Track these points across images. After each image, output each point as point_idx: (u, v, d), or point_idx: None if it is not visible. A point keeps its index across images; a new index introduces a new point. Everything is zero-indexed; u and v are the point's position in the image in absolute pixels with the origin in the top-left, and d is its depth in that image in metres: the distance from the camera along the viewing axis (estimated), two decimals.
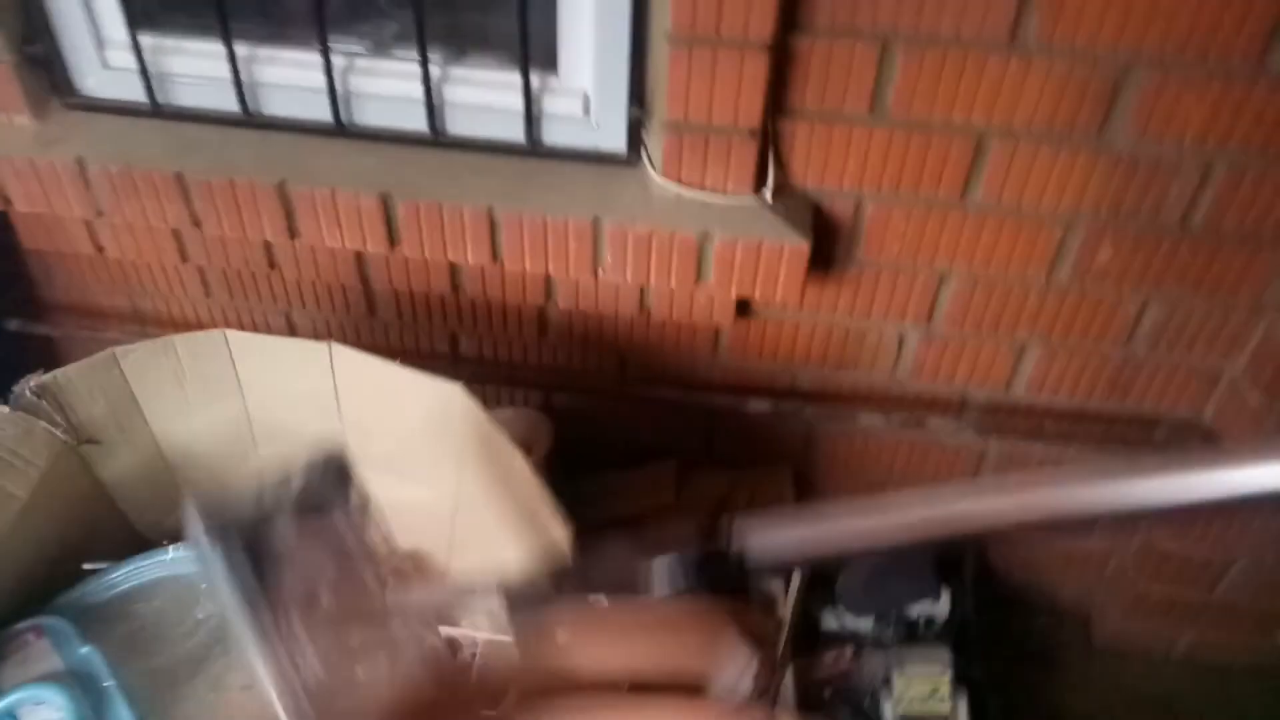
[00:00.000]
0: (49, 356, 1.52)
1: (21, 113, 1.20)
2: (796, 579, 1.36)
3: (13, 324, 1.43)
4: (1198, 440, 1.36)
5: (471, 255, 1.17)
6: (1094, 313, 1.25)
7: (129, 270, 1.43)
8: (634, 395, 1.42)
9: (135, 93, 1.21)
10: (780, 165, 1.14)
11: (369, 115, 1.20)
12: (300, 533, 0.47)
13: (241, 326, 1.09)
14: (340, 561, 0.48)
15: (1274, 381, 1.21)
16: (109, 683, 0.98)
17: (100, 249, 1.34)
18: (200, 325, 1.44)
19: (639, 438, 1.48)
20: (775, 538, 0.36)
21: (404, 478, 1.07)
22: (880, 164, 1.13)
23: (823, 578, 1.43)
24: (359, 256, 1.30)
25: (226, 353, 1.06)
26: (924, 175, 1.13)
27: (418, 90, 1.15)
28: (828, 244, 1.21)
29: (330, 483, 0.51)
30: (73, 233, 1.33)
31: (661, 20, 1.04)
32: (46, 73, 1.21)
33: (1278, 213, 1.11)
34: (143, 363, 1.05)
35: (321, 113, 1.19)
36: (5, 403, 1.00)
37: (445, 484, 1.00)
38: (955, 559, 1.48)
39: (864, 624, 1.44)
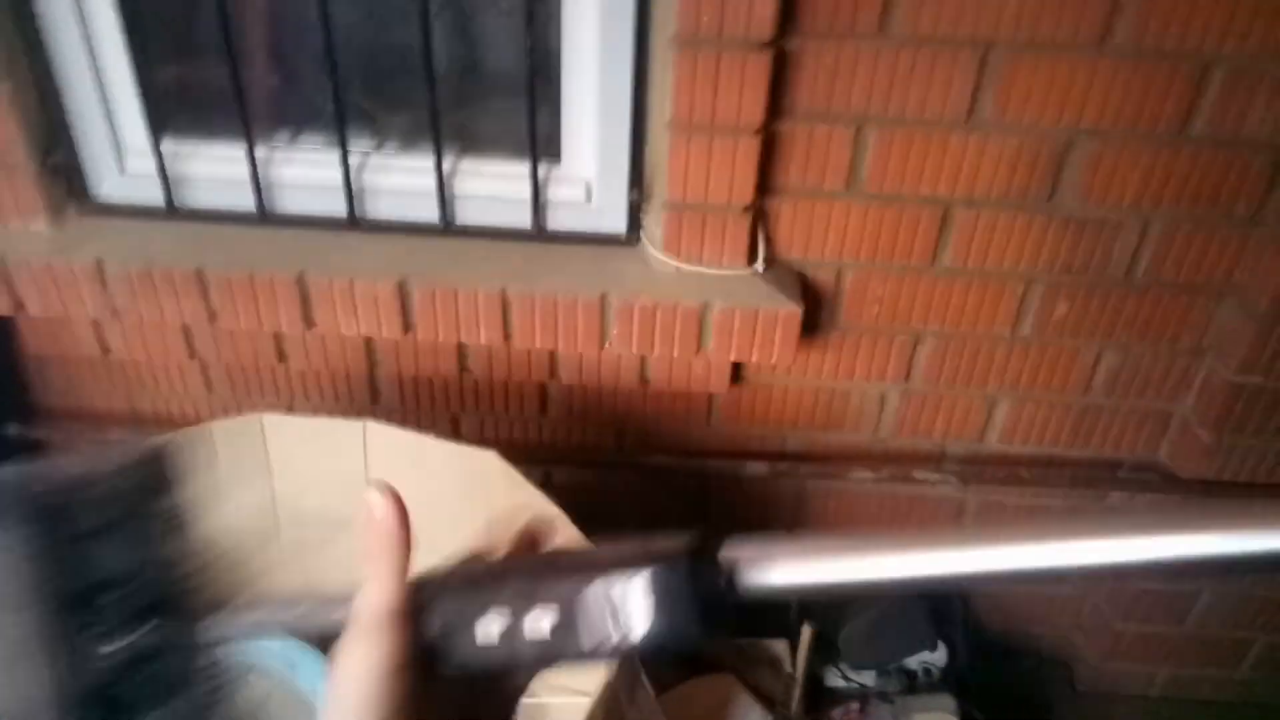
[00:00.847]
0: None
1: (39, 219, 1.24)
2: (805, 635, 1.41)
3: (10, 429, 1.43)
4: (1156, 478, 1.47)
5: (484, 336, 1.24)
6: (1055, 364, 1.36)
7: (130, 371, 1.45)
8: (632, 465, 1.48)
9: (153, 196, 1.26)
10: (769, 239, 1.24)
11: (382, 209, 1.28)
12: (103, 526, 0.42)
13: None
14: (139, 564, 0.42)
15: (1220, 418, 1.34)
16: None
17: (106, 351, 1.37)
18: (199, 422, 1.46)
19: (638, 509, 1.53)
20: (772, 567, 0.33)
21: (437, 551, 1.10)
22: (858, 235, 1.24)
23: (822, 635, 1.48)
24: (369, 344, 1.35)
25: (260, 437, 1.09)
26: (897, 244, 1.25)
27: (429, 183, 1.24)
28: (813, 311, 1.31)
29: (146, 485, 0.45)
30: (79, 335, 1.35)
31: (660, 110, 1.15)
32: (65, 180, 1.26)
33: (1209, 263, 1.25)
34: (184, 448, 1.07)
35: (337, 208, 1.26)
36: None
37: (489, 551, 1.04)
38: (948, 608, 1.55)
39: (867, 678, 1.48)
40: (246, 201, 1.27)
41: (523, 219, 1.26)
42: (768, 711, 1.36)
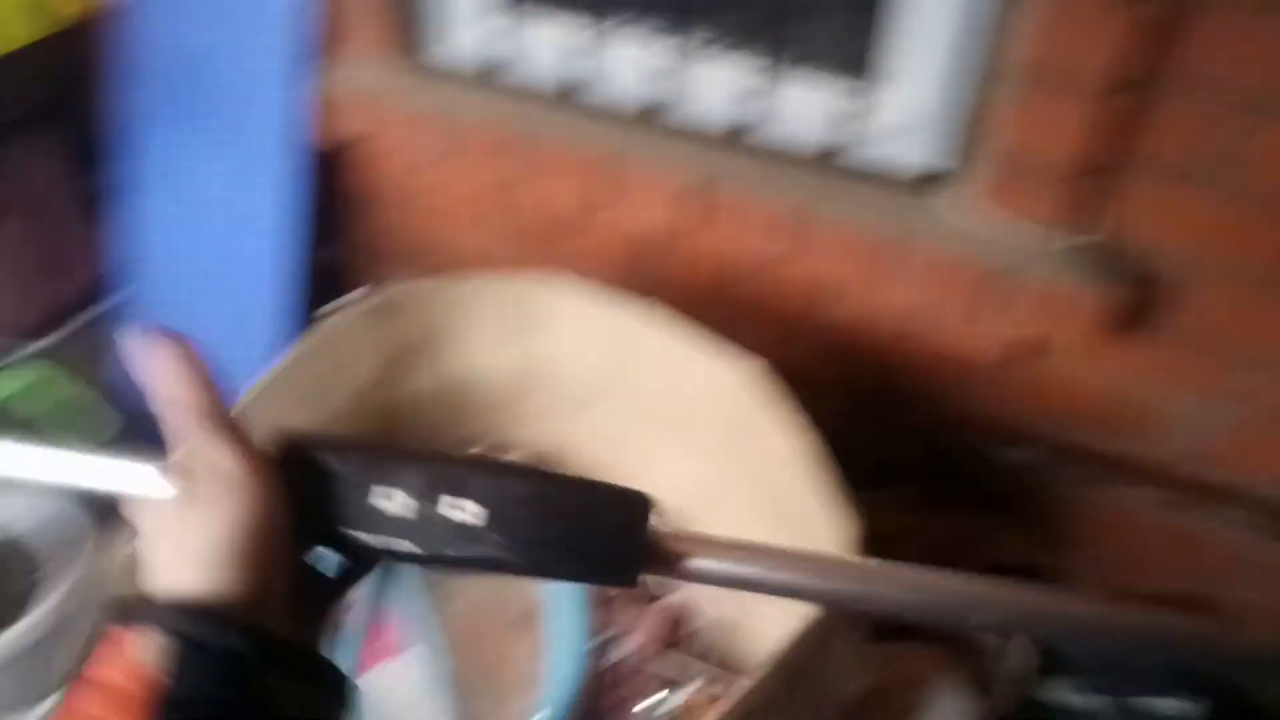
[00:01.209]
0: (347, 290, 1.70)
1: (381, 65, 1.35)
2: (1022, 641, 1.31)
3: (324, 255, 1.60)
4: None
5: (762, 254, 1.20)
6: None
7: (433, 218, 1.56)
8: (876, 416, 1.40)
9: (484, 60, 1.34)
10: (1102, 213, 1.08)
11: (687, 107, 1.26)
12: None
13: None
14: None
15: None
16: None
17: (416, 195, 1.48)
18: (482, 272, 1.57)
19: (877, 459, 1.46)
20: (707, 558, 0.37)
21: (687, 447, 1.12)
22: (1220, 233, 1.05)
23: (1058, 651, 1.36)
24: (641, 242, 1.36)
25: (543, 296, 1.14)
26: (1268, 253, 1.04)
27: (739, 88, 1.20)
28: (1139, 303, 1.13)
29: None
30: (395, 176, 1.48)
31: (1002, 51, 1.01)
32: (411, 34, 1.36)
33: None
34: (473, 293, 1.15)
35: (644, 98, 1.26)
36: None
37: (728, 459, 1.05)
38: (1214, 664, 1.36)
39: (1098, 704, 1.35)
40: (566, 78, 1.30)
41: (830, 140, 1.19)
42: (971, 704, 1.28)
